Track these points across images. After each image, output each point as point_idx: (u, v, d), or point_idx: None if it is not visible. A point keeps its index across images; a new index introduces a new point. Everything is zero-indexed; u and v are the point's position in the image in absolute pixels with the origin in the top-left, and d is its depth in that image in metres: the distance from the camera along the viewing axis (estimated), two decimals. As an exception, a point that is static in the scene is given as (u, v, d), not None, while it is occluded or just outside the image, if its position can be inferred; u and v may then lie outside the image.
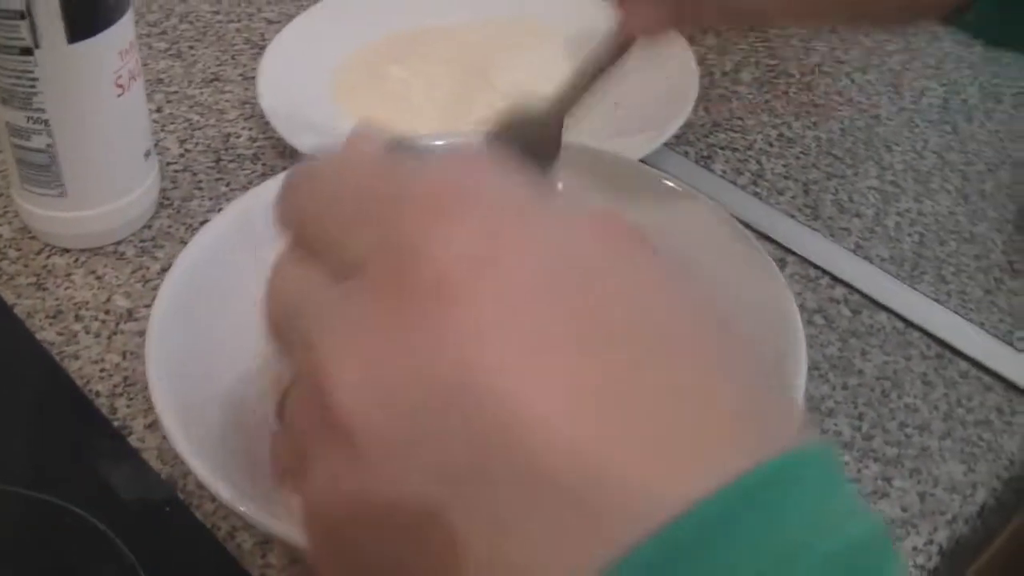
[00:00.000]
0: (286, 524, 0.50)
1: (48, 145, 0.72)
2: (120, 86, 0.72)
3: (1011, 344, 0.73)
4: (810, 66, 0.94)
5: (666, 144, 0.81)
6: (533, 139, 0.61)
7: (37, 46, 0.68)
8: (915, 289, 0.75)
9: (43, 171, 0.73)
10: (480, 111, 0.84)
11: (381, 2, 0.93)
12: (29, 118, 0.71)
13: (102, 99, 0.72)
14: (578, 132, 0.81)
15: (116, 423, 0.67)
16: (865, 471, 0.66)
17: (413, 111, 0.85)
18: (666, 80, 0.86)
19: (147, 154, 0.77)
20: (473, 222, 0.31)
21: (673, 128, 0.81)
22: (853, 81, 0.93)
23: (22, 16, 0.67)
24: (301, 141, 0.80)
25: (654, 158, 0.81)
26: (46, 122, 0.71)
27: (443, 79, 0.87)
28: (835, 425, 0.68)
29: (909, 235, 0.80)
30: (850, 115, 0.90)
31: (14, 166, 0.74)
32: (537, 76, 0.87)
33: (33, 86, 0.70)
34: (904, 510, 0.64)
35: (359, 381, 0.30)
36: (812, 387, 0.69)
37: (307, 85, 0.86)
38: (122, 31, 0.71)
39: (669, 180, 0.70)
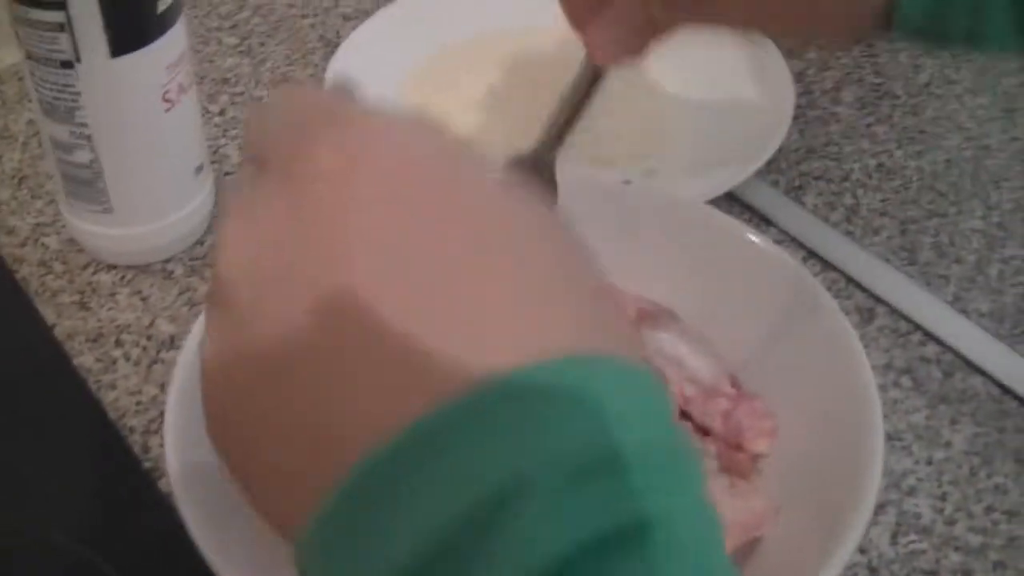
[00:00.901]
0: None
1: (92, 160, 0.68)
2: (168, 101, 0.68)
3: (1117, 419, 0.66)
4: (918, 86, 0.88)
5: (756, 171, 0.76)
6: (535, 179, 0.61)
7: (78, 60, 0.64)
8: (1015, 351, 0.69)
9: (87, 186, 0.70)
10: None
11: (458, 1, 0.88)
12: (72, 132, 0.67)
13: (148, 115, 0.68)
14: (663, 159, 0.76)
15: (147, 464, 0.64)
16: (944, 561, 0.60)
17: (481, 127, 0.80)
18: (760, 98, 0.81)
19: (199, 169, 0.73)
20: (344, 136, 0.37)
21: (765, 156, 0.76)
22: (963, 105, 0.86)
23: (62, 28, 0.63)
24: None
25: (741, 186, 0.76)
26: (89, 137, 0.67)
27: (516, 93, 0.82)
28: (915, 506, 0.62)
29: (1013, 286, 0.73)
30: (957, 144, 0.83)
31: (60, 179, 0.71)
32: (614, 94, 0.82)
33: (75, 100, 0.66)
34: (985, 610, 0.59)
35: (237, 254, 0.36)
36: (893, 460, 0.64)
37: (377, 91, 0.81)
38: (170, 44, 0.67)
39: (745, 229, 0.65)
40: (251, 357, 0.35)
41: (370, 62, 0.83)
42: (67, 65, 0.65)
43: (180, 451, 0.55)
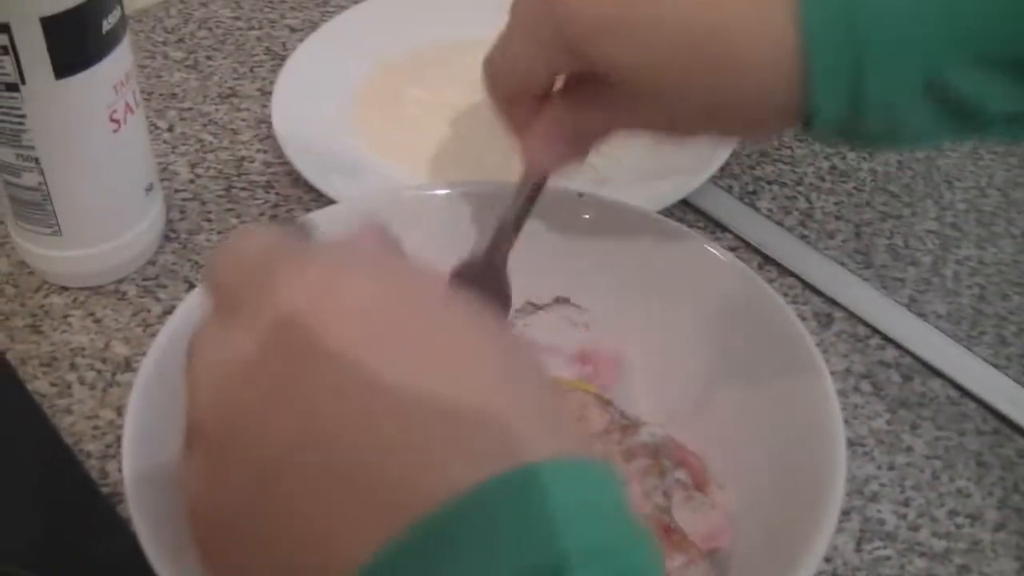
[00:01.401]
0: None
1: (39, 183, 0.67)
2: (115, 121, 0.67)
3: (1076, 419, 0.66)
4: (868, 87, 0.88)
5: (709, 177, 0.76)
6: (485, 286, 0.60)
7: (23, 82, 0.63)
8: (972, 351, 0.69)
9: (36, 209, 0.68)
10: (500, 142, 0.78)
11: (406, 13, 0.87)
12: (19, 155, 0.66)
13: (95, 136, 0.67)
14: (615, 168, 0.76)
15: (106, 489, 0.63)
16: (909, 567, 0.60)
17: (429, 140, 0.79)
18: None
19: (148, 189, 0.72)
20: (306, 276, 0.39)
21: (718, 163, 0.75)
22: (914, 105, 0.86)
23: (6, 51, 0.62)
24: (312, 170, 0.75)
25: (695, 193, 0.75)
26: (36, 160, 0.66)
27: (464, 104, 0.81)
28: (878, 512, 0.62)
29: (968, 287, 0.74)
30: (909, 145, 0.83)
31: (7, 201, 0.69)
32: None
33: (21, 123, 0.65)
34: (950, 615, 0.59)
35: (209, 396, 0.39)
36: (855, 466, 0.64)
37: (324, 106, 0.81)
38: (116, 64, 0.66)
39: (699, 237, 0.65)
40: (230, 493, 0.38)
41: (318, 75, 0.83)
42: (12, 88, 0.64)
43: (137, 475, 0.54)
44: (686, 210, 0.76)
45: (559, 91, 0.56)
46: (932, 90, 0.48)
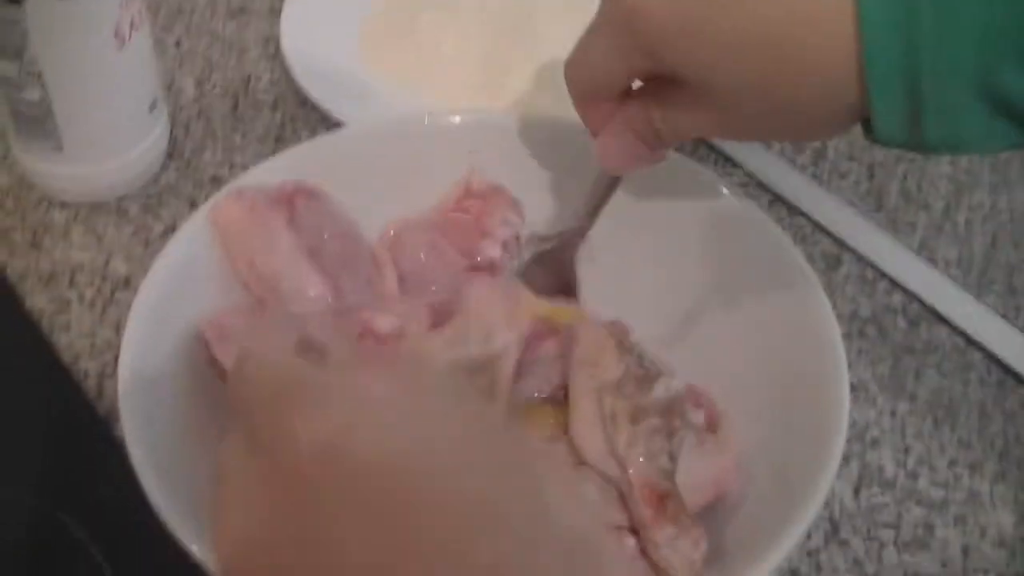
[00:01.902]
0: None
1: (42, 98, 0.66)
2: (119, 37, 0.66)
3: (1083, 372, 0.66)
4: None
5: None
6: (555, 273, 0.64)
7: (26, -5, 0.62)
8: (981, 301, 0.68)
9: (38, 124, 0.68)
10: (515, 71, 0.77)
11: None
12: (21, 70, 0.65)
13: (99, 52, 0.66)
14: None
15: (102, 409, 0.63)
16: (906, 515, 0.60)
17: (440, 68, 0.78)
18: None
19: (152, 106, 0.71)
20: (333, 415, 0.39)
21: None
22: (934, 44, 0.85)
23: (8, -37, 0.61)
24: (319, 91, 0.74)
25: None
26: (39, 75, 0.65)
27: (477, 33, 0.79)
28: (879, 458, 0.62)
29: (980, 234, 0.73)
30: (927, 84, 0.82)
31: (9, 116, 0.69)
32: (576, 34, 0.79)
33: (24, 37, 0.64)
34: (944, 566, 0.58)
35: (231, 531, 0.40)
36: (856, 411, 0.63)
37: (334, 27, 0.80)
38: (122, -22, 0.65)
39: (708, 174, 0.64)
40: None
41: (325, 2, 0.81)
42: (14, 1, 0.62)
43: (132, 396, 0.54)
44: (697, 144, 0.75)
45: (636, 91, 0.56)
46: (987, 91, 0.46)
